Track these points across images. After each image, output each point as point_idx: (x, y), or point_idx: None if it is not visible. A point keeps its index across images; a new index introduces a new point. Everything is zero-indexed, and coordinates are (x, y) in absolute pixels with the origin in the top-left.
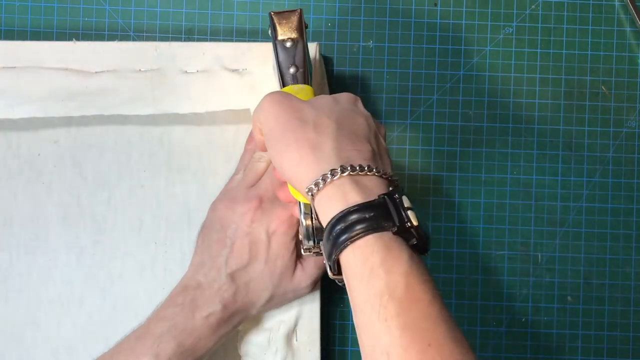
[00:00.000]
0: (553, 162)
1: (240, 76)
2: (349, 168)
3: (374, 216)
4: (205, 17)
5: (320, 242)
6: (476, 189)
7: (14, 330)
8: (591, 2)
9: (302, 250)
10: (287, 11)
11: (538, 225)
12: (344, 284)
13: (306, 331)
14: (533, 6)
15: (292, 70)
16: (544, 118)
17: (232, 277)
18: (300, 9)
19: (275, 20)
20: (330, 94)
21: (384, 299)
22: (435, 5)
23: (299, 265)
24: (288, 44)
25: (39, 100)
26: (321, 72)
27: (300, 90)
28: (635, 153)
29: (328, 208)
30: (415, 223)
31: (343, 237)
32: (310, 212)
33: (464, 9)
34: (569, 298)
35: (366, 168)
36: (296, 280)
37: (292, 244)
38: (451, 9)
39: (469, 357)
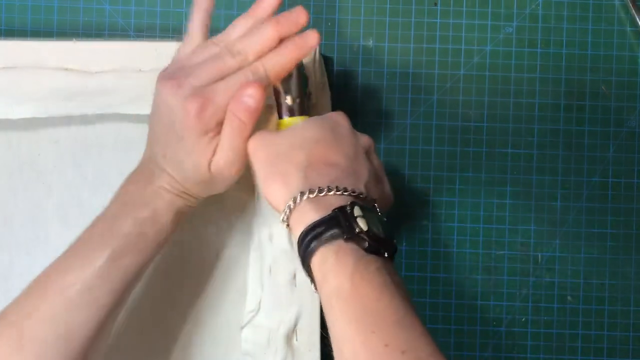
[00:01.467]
0: (553, 162)
1: None
2: (307, 192)
3: (325, 230)
4: None
5: None
6: (476, 189)
7: None
8: (591, 1)
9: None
10: None
11: (538, 225)
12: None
13: (306, 331)
14: (533, 6)
15: (288, 100)
16: (544, 118)
17: (165, 155)
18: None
19: None
20: (331, 94)
21: (332, 301)
22: (435, 5)
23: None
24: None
25: (39, 100)
26: (321, 71)
27: (294, 123)
28: (635, 153)
29: (295, 232)
30: (364, 228)
31: (305, 254)
32: None
33: (464, 9)
34: (569, 298)
35: (326, 189)
36: (212, 167)
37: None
38: (451, 9)
39: (421, 341)
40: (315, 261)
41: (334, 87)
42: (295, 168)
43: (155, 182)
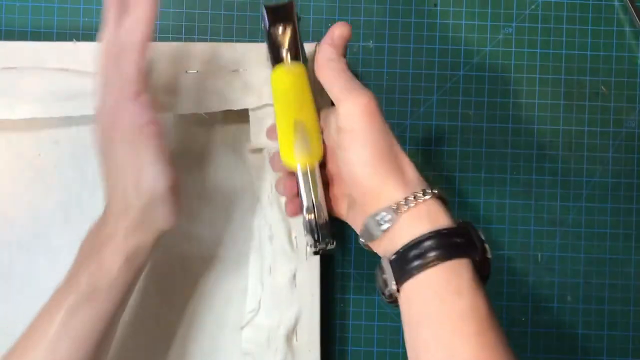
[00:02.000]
0: (553, 162)
1: (240, 76)
2: (430, 192)
3: (463, 242)
4: (205, 17)
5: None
6: (476, 189)
7: (14, 330)
8: (591, 2)
9: (308, 249)
10: (279, 4)
11: (538, 225)
12: (392, 303)
13: (306, 331)
14: (533, 6)
15: (283, 51)
16: (544, 118)
17: (104, 179)
18: (292, 2)
19: (267, 12)
20: None
21: (466, 316)
22: (435, 5)
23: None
24: (279, 31)
25: (39, 100)
26: None
27: (293, 68)
28: (635, 153)
29: (414, 227)
30: (490, 256)
31: (427, 257)
32: (312, 206)
33: (464, 9)
34: (568, 298)
35: (442, 196)
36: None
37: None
38: (451, 9)
39: None
40: (434, 274)
41: None
42: (405, 160)
43: (102, 229)
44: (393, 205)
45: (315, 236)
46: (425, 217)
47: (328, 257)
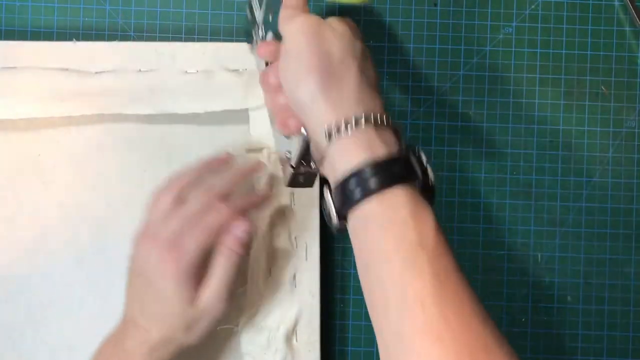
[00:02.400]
0: (553, 162)
1: (240, 76)
2: (372, 119)
3: (400, 170)
4: (205, 17)
5: (312, 167)
6: (476, 189)
7: (14, 330)
8: (591, 2)
9: (286, 176)
10: None
11: (538, 225)
12: (341, 231)
13: (306, 331)
14: (533, 6)
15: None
16: (543, 118)
17: (142, 312)
18: None
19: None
20: None
21: (415, 248)
22: (435, 5)
23: (200, 289)
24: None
25: (39, 100)
26: None
27: None
28: (634, 153)
29: (348, 158)
30: (433, 179)
31: (366, 187)
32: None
33: (464, 9)
34: (568, 298)
35: (385, 122)
36: (202, 304)
37: (181, 277)
38: (451, 9)
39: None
40: (388, 199)
41: None
42: (351, 80)
43: (128, 342)
44: (329, 131)
45: (304, 166)
46: (363, 144)
47: (328, 257)
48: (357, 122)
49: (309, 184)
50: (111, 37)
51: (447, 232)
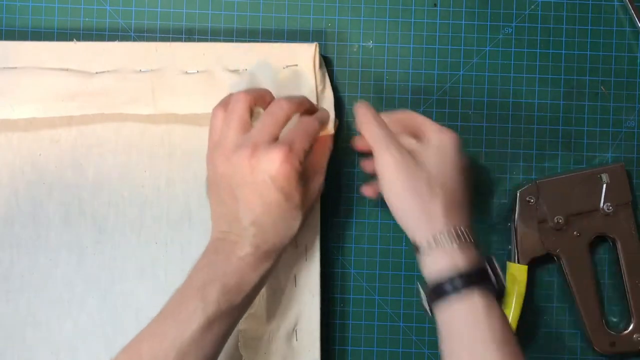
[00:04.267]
0: (552, 162)
1: (240, 76)
2: (454, 233)
3: (478, 279)
4: (205, 17)
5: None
6: (476, 189)
7: (14, 329)
8: (590, 2)
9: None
10: None
11: None
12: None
13: (306, 331)
14: (532, 6)
15: None
16: (543, 118)
17: (254, 223)
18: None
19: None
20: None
21: (487, 341)
22: (435, 5)
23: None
24: None
25: (40, 100)
26: (322, 73)
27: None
28: (634, 153)
29: (437, 264)
30: (505, 284)
31: (452, 290)
32: None
33: (464, 9)
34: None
35: (467, 237)
36: (301, 215)
37: (297, 184)
38: (451, 9)
39: None
40: (458, 306)
41: (334, 88)
42: (438, 201)
43: (239, 251)
44: (420, 247)
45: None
46: (448, 258)
47: (328, 257)
48: (441, 237)
49: None
50: (112, 38)
51: None
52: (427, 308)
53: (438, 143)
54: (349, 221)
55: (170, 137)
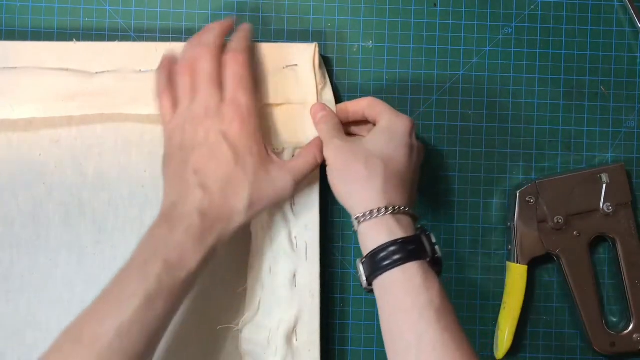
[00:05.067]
0: (552, 162)
1: None
2: (391, 209)
3: (415, 249)
4: (205, 17)
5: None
6: (476, 189)
7: (14, 330)
8: (590, 2)
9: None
10: None
11: None
12: (369, 292)
13: (306, 331)
14: (532, 7)
15: None
16: (543, 118)
17: (202, 186)
18: None
19: None
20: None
21: (427, 307)
22: (435, 5)
23: (274, 162)
24: None
25: (40, 100)
26: (322, 72)
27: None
28: (634, 153)
29: (374, 237)
30: (440, 255)
31: (390, 260)
32: None
33: (464, 9)
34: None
35: (403, 208)
36: (275, 176)
37: (255, 137)
38: (451, 9)
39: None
40: (397, 274)
41: (334, 88)
42: (377, 177)
43: (185, 221)
44: (357, 218)
45: None
46: (384, 228)
47: (328, 257)
48: (379, 211)
49: None
50: (111, 38)
51: (446, 232)
52: (364, 283)
53: (387, 124)
54: (349, 221)
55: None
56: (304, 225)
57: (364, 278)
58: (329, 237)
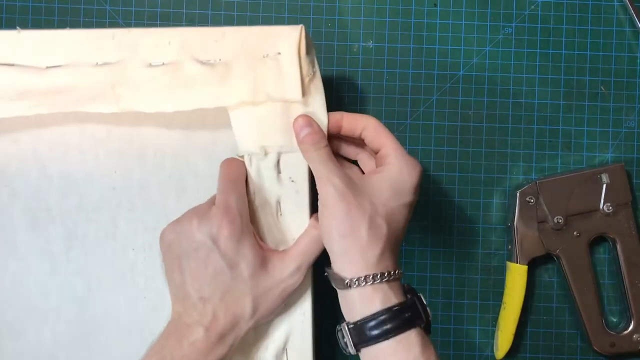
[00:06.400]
0: (552, 162)
1: (213, 68)
2: (386, 276)
3: (410, 316)
4: (205, 17)
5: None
6: (476, 189)
7: None
8: (590, 2)
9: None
10: None
11: None
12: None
13: (297, 351)
14: (532, 7)
15: None
16: (543, 118)
17: (202, 299)
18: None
19: None
20: (332, 94)
21: None
22: (435, 5)
23: (273, 256)
24: None
25: None
26: (310, 60)
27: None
28: (634, 153)
29: (365, 304)
30: (430, 317)
31: (384, 330)
32: None
33: (464, 9)
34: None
35: (396, 274)
36: (275, 273)
37: (248, 239)
38: (451, 9)
39: None
40: (392, 344)
41: (334, 88)
42: (377, 244)
43: (190, 336)
44: (346, 280)
45: None
46: (379, 294)
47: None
48: (374, 279)
49: None
50: None
51: (446, 232)
52: (352, 350)
53: (396, 174)
54: None
55: (140, 136)
56: (293, 240)
57: (350, 344)
58: None
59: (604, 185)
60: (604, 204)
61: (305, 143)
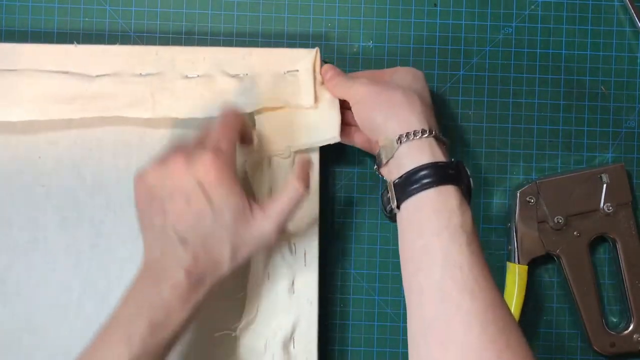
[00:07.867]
0: (552, 162)
1: (240, 81)
2: (432, 132)
3: (454, 174)
4: (205, 17)
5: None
6: (476, 189)
7: (11, 335)
8: (590, 2)
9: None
10: None
11: None
12: (390, 219)
13: (304, 339)
14: (532, 6)
15: None
16: (543, 118)
17: (183, 241)
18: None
19: None
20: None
21: (459, 229)
22: (435, 5)
23: (256, 209)
24: None
25: (39, 102)
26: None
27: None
28: (634, 153)
29: (415, 157)
30: (473, 186)
31: (429, 180)
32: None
33: (464, 9)
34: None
35: (442, 137)
36: (255, 228)
37: (234, 187)
38: (451, 9)
39: None
40: (432, 194)
41: None
42: (416, 104)
43: (170, 279)
44: (400, 137)
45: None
46: (427, 150)
47: (328, 257)
48: (422, 133)
49: None
50: (111, 38)
51: None
52: (394, 204)
53: (406, 70)
54: (349, 221)
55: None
56: (302, 231)
57: (394, 199)
58: (328, 237)
59: (604, 185)
60: (604, 204)
61: (333, 77)
